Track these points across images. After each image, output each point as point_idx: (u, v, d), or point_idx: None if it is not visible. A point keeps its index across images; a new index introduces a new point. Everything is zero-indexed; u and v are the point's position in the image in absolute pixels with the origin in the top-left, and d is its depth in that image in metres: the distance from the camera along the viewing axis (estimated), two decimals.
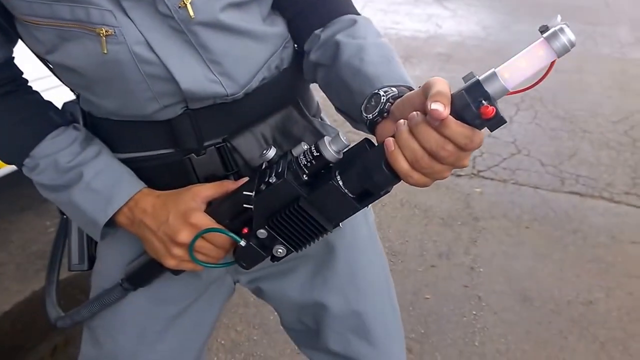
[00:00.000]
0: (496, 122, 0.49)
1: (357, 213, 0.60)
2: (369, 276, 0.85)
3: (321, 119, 0.85)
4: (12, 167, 0.73)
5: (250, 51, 0.68)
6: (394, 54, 0.68)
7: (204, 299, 0.82)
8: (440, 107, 0.48)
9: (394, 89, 0.60)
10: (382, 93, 0.59)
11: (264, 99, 0.71)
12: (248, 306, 1.89)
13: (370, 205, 0.86)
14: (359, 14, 0.73)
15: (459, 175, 2.79)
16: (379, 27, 2.41)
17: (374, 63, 0.64)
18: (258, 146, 0.70)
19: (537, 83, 0.55)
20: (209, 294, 0.82)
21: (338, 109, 0.71)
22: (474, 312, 1.88)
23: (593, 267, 2.13)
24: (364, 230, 0.85)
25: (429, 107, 0.49)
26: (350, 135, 0.80)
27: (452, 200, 2.57)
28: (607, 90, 3.97)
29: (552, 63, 0.51)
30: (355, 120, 0.67)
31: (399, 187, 2.08)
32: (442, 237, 2.29)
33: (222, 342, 1.77)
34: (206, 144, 0.70)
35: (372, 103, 0.60)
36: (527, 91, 0.55)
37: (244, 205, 0.62)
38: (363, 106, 0.61)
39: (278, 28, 0.72)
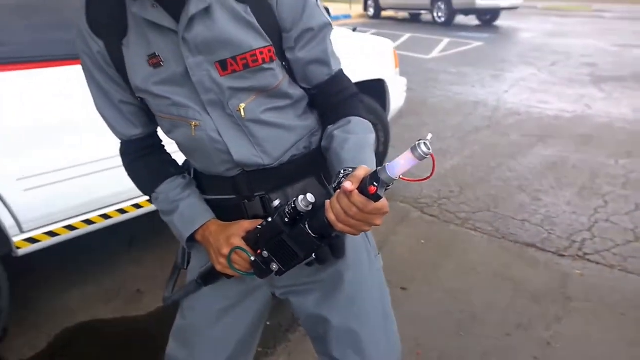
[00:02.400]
0: (374, 197, 0.76)
1: (362, 257, 0.99)
2: (365, 306, 1.11)
3: None
4: None
5: (282, 137, 1.03)
6: (368, 145, 0.98)
7: (244, 305, 1.15)
8: (348, 185, 0.78)
9: (351, 169, 0.88)
10: (342, 172, 0.89)
11: (293, 168, 1.05)
12: None
13: (380, 255, 1.16)
14: (362, 116, 1.04)
15: (562, 256, 2.80)
16: (523, 106, 2.99)
17: (349, 150, 0.95)
18: (286, 200, 1.00)
19: (428, 177, 0.80)
20: (248, 301, 1.15)
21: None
22: None
23: None
24: (366, 272, 1.13)
25: (343, 184, 0.79)
26: None
27: (548, 278, 2.60)
28: None
29: (433, 161, 0.74)
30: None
31: (495, 260, 2.37)
32: (526, 311, 2.34)
33: None
34: (255, 194, 1.05)
35: (338, 177, 0.89)
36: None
37: (258, 235, 0.96)
38: (333, 179, 0.91)
39: (308, 122, 1.07)
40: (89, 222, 2.23)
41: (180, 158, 1.17)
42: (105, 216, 2.28)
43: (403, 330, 1.18)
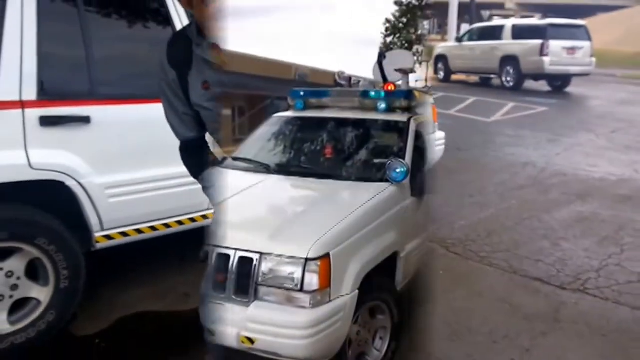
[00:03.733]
0: None
1: None
2: None
3: None
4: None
5: None
6: None
7: None
8: None
9: None
10: None
11: None
12: None
13: None
14: None
15: (564, 289, 3.15)
16: (571, 168, 5.15)
17: None
18: None
19: None
20: None
21: None
22: None
23: None
24: None
25: None
26: None
27: (545, 304, 2.97)
28: None
29: None
30: None
31: (501, 289, 3.39)
32: (517, 328, 2.73)
33: None
34: None
35: None
36: None
37: None
38: None
39: None
40: (153, 228, 2.87)
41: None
42: (167, 225, 2.92)
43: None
